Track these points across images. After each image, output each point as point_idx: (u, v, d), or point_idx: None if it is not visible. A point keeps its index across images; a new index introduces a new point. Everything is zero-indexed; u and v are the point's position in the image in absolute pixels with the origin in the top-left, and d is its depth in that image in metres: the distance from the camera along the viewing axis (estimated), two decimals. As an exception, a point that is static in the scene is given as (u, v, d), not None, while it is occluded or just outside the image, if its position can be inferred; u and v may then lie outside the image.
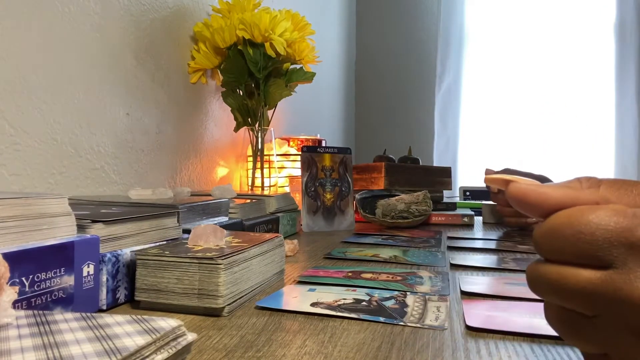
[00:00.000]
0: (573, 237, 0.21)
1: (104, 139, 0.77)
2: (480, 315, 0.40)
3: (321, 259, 0.66)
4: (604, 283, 0.20)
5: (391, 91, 2.64)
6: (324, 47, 1.98)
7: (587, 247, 0.20)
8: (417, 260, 0.64)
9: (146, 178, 0.87)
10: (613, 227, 0.20)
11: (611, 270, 0.20)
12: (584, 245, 0.20)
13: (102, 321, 0.26)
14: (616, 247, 0.20)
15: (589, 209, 0.21)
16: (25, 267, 0.34)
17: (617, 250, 0.20)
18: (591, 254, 0.20)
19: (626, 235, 0.20)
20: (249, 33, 0.96)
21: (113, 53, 0.79)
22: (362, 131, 2.69)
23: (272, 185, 1.09)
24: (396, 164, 1.27)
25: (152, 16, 0.89)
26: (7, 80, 0.60)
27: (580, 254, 0.21)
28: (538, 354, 0.33)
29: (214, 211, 0.66)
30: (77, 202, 0.58)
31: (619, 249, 0.20)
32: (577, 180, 0.23)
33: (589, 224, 0.20)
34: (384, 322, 0.39)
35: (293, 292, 0.48)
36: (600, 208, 0.21)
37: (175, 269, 0.41)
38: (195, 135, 1.03)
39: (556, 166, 2.23)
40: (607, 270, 0.20)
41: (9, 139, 0.60)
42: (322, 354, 0.32)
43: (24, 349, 0.22)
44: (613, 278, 0.20)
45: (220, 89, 1.09)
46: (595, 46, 2.27)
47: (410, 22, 2.60)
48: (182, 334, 0.26)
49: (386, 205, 1.01)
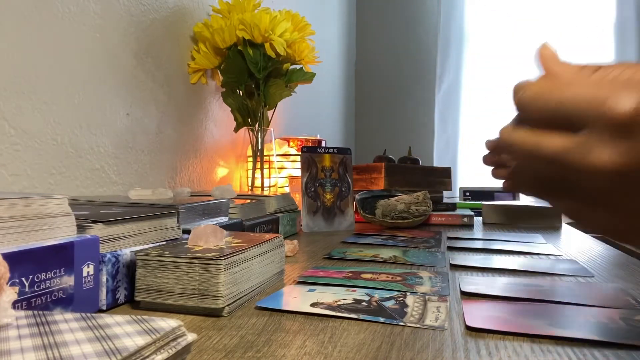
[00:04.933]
0: (556, 103, 0.23)
1: (104, 139, 0.77)
2: (480, 315, 0.40)
3: (321, 259, 0.66)
4: (574, 146, 0.23)
5: (391, 91, 2.64)
6: (324, 47, 1.98)
7: (566, 112, 0.23)
8: (417, 261, 0.64)
9: (146, 178, 0.87)
10: (590, 96, 0.22)
11: (581, 135, 0.23)
12: (564, 112, 0.23)
13: (102, 321, 0.26)
14: (589, 115, 0.22)
15: (576, 82, 0.24)
16: (25, 268, 0.34)
17: (589, 119, 0.22)
18: (567, 119, 0.23)
19: (598, 104, 0.22)
20: (249, 33, 0.96)
21: (113, 53, 0.79)
22: (362, 131, 2.69)
23: (272, 185, 1.09)
24: (396, 165, 1.27)
25: (152, 16, 0.89)
26: (7, 80, 0.60)
27: (559, 119, 0.23)
28: (538, 354, 0.33)
29: (214, 211, 0.66)
30: (77, 202, 0.58)
31: (591, 117, 0.22)
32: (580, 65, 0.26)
33: (574, 93, 0.23)
34: (384, 323, 0.39)
35: (293, 292, 0.48)
36: (585, 82, 0.23)
37: (175, 270, 0.41)
38: (195, 135, 1.03)
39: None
40: (577, 135, 0.23)
41: (9, 139, 0.60)
42: (322, 354, 0.32)
43: (23, 349, 0.22)
44: (580, 143, 0.22)
45: (220, 89, 1.09)
46: (595, 46, 2.27)
47: (410, 22, 2.60)
48: (182, 334, 0.26)
49: (386, 205, 1.01)
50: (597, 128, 0.22)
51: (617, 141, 0.21)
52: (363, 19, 2.69)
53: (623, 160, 0.21)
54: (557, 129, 0.23)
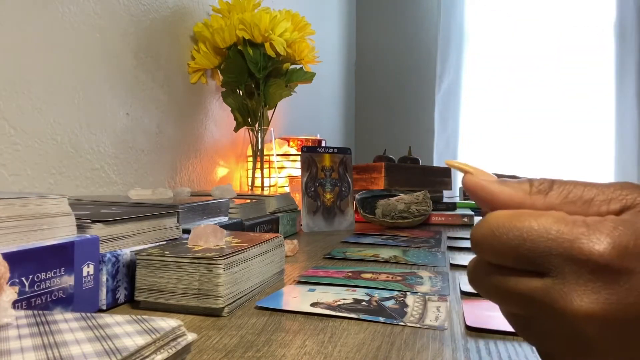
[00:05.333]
0: (513, 241, 0.20)
1: (104, 139, 0.77)
2: (480, 315, 0.40)
3: (321, 259, 0.66)
4: (542, 292, 0.20)
5: (391, 91, 2.64)
6: (324, 47, 1.98)
7: (527, 253, 0.20)
8: (417, 261, 0.64)
9: (146, 178, 0.87)
10: (554, 235, 0.20)
11: (548, 278, 0.20)
12: (524, 252, 0.20)
13: (102, 321, 0.26)
14: (555, 256, 0.20)
15: (531, 214, 0.21)
16: (25, 267, 0.34)
17: (555, 260, 0.20)
18: (531, 261, 0.20)
19: (565, 245, 0.19)
20: (249, 33, 0.96)
21: (113, 53, 0.79)
22: (362, 131, 2.69)
23: (272, 185, 1.09)
24: (396, 164, 1.27)
25: (152, 16, 0.89)
26: (7, 80, 0.60)
27: (519, 259, 0.20)
28: (538, 354, 0.33)
29: (214, 211, 0.66)
30: (77, 202, 0.58)
31: (557, 258, 0.19)
32: (528, 182, 0.22)
33: (530, 229, 0.20)
34: (383, 322, 0.39)
35: (293, 292, 0.48)
36: (543, 215, 0.20)
37: (175, 269, 0.41)
38: (195, 135, 1.03)
39: (556, 166, 2.23)
40: (544, 278, 0.20)
41: (9, 139, 0.60)
42: (322, 354, 0.32)
43: (23, 349, 0.22)
44: (549, 288, 0.20)
45: (220, 89, 1.09)
46: (595, 46, 2.27)
47: (410, 22, 2.60)
48: (182, 334, 0.26)
49: (386, 205, 1.01)
50: (570, 270, 0.19)
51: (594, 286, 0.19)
52: (363, 19, 2.69)
53: (602, 307, 0.19)
54: (522, 267, 0.21)
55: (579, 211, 0.21)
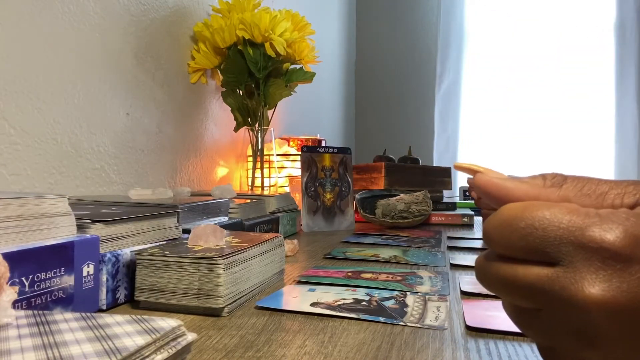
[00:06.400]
0: (525, 230, 0.21)
1: (104, 139, 0.77)
2: (480, 315, 0.40)
3: (321, 259, 0.66)
4: (551, 280, 0.20)
5: (391, 91, 2.64)
6: (324, 47, 1.98)
7: (537, 242, 0.20)
8: (417, 260, 0.64)
9: (146, 178, 0.87)
10: (565, 224, 0.20)
11: (559, 267, 0.20)
12: (535, 241, 0.20)
13: (102, 321, 0.26)
14: (565, 244, 0.20)
15: (543, 204, 0.21)
16: (25, 267, 0.34)
17: (566, 248, 0.20)
18: (541, 250, 0.20)
19: (577, 234, 0.20)
20: (249, 33, 0.96)
21: (113, 53, 0.79)
22: (362, 131, 2.69)
23: (272, 185, 1.09)
24: (396, 164, 1.27)
25: (152, 16, 0.89)
26: (7, 80, 0.60)
27: (530, 249, 0.21)
28: (538, 354, 0.33)
29: (214, 211, 0.66)
30: (77, 202, 0.58)
31: (568, 247, 0.20)
32: (541, 177, 0.23)
33: (542, 219, 0.20)
34: (383, 322, 0.39)
35: (293, 292, 0.48)
36: (555, 205, 0.21)
37: (175, 269, 0.41)
38: (195, 135, 1.03)
39: (556, 166, 2.23)
40: (554, 267, 0.20)
41: (9, 139, 0.60)
42: (322, 354, 0.32)
43: (23, 349, 0.22)
44: (559, 276, 0.20)
45: (220, 89, 1.09)
46: (595, 46, 2.27)
47: (411, 22, 2.60)
48: (182, 334, 0.26)
49: (386, 205, 1.01)
50: (581, 258, 0.19)
51: (605, 274, 0.19)
52: (363, 19, 2.69)
53: (613, 295, 0.19)
54: (532, 258, 0.21)
55: (594, 204, 0.21)
